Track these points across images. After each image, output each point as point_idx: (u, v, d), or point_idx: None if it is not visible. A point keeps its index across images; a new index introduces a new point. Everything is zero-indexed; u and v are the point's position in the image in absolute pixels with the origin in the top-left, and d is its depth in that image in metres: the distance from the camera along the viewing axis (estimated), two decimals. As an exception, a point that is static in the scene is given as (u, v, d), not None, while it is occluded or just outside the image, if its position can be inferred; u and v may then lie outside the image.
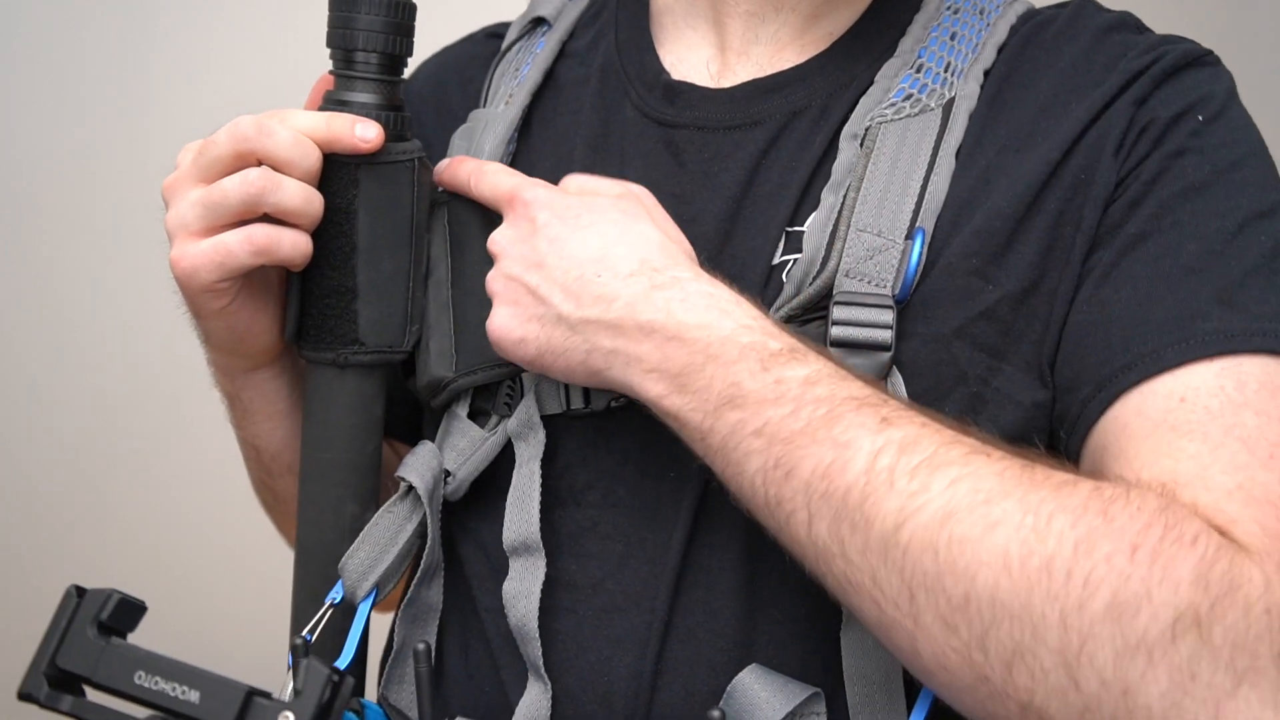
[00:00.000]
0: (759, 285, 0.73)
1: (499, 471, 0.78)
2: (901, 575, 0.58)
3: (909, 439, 0.60)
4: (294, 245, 0.74)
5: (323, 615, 0.76)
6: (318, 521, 0.80)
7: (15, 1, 1.77)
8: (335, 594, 0.77)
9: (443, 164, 0.80)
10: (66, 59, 1.79)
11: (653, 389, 0.66)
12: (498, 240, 0.74)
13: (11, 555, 1.87)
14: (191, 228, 0.73)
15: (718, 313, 0.66)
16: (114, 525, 1.86)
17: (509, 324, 0.71)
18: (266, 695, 0.58)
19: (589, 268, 0.69)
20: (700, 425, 0.65)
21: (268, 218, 0.73)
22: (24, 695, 0.59)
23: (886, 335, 0.68)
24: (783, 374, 0.63)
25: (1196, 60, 0.73)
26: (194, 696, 0.56)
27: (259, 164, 0.73)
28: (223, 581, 1.80)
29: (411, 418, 0.89)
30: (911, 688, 0.68)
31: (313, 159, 0.73)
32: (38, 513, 1.88)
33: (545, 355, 0.70)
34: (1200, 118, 0.70)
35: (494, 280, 0.73)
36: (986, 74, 0.75)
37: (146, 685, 0.57)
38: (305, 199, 0.73)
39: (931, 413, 0.63)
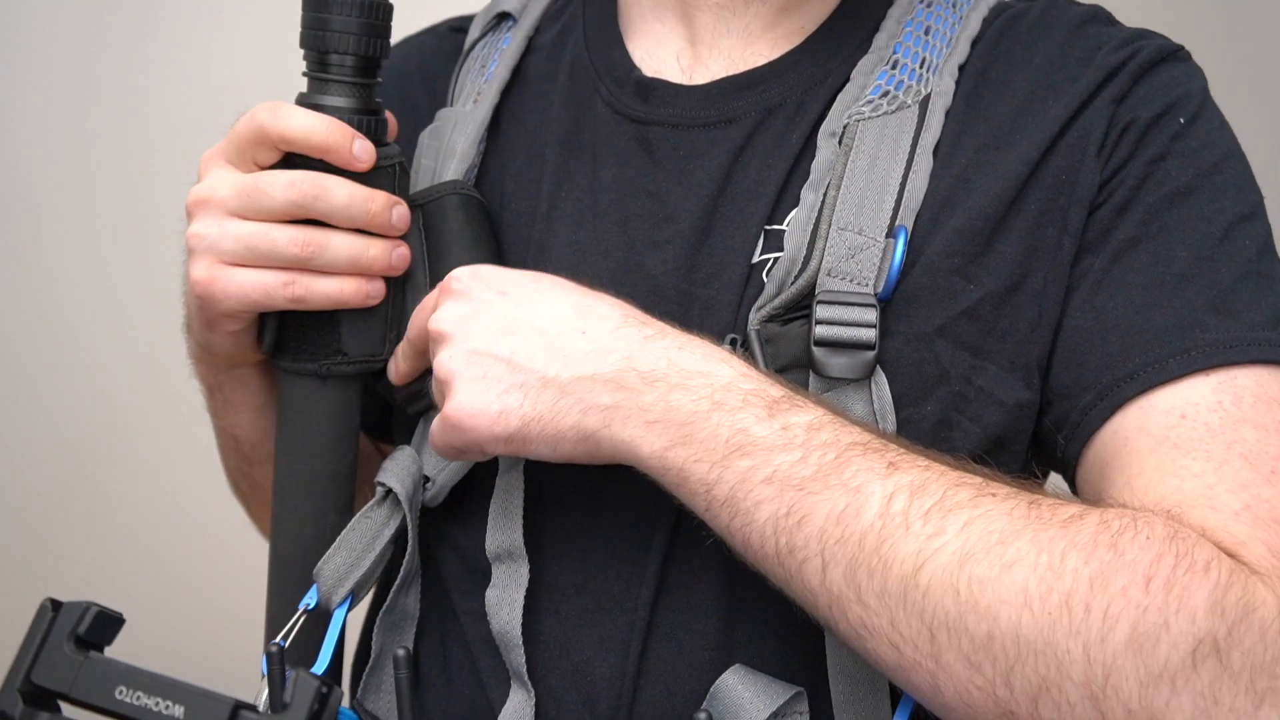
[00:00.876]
0: (739, 284, 0.73)
1: (476, 474, 0.77)
2: (921, 617, 0.58)
3: (918, 483, 0.60)
4: (326, 296, 0.75)
5: (296, 621, 0.75)
6: (298, 534, 0.78)
7: (15, 1, 1.75)
8: (309, 599, 0.75)
9: (391, 369, 0.78)
10: (66, 58, 1.77)
11: (656, 442, 0.64)
12: (444, 320, 0.69)
13: (11, 556, 1.86)
14: (225, 258, 0.73)
15: (716, 361, 0.65)
16: (113, 526, 1.86)
17: (482, 399, 0.67)
18: (253, 708, 0.57)
19: (569, 325, 0.67)
20: (706, 476, 0.63)
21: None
22: None
23: (870, 334, 0.68)
24: (788, 420, 0.62)
25: (1170, 56, 0.74)
26: (178, 712, 0.54)
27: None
28: (223, 582, 1.79)
29: (380, 413, 0.87)
30: (895, 686, 0.68)
31: (367, 218, 0.74)
32: (35, 513, 1.87)
33: (531, 425, 0.66)
34: (1181, 120, 0.71)
35: (450, 361, 0.68)
36: (961, 69, 0.75)
37: (128, 701, 0.55)
38: (351, 257, 0.74)
39: (932, 453, 0.63)
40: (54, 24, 1.76)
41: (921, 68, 0.75)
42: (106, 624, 0.59)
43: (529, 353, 0.67)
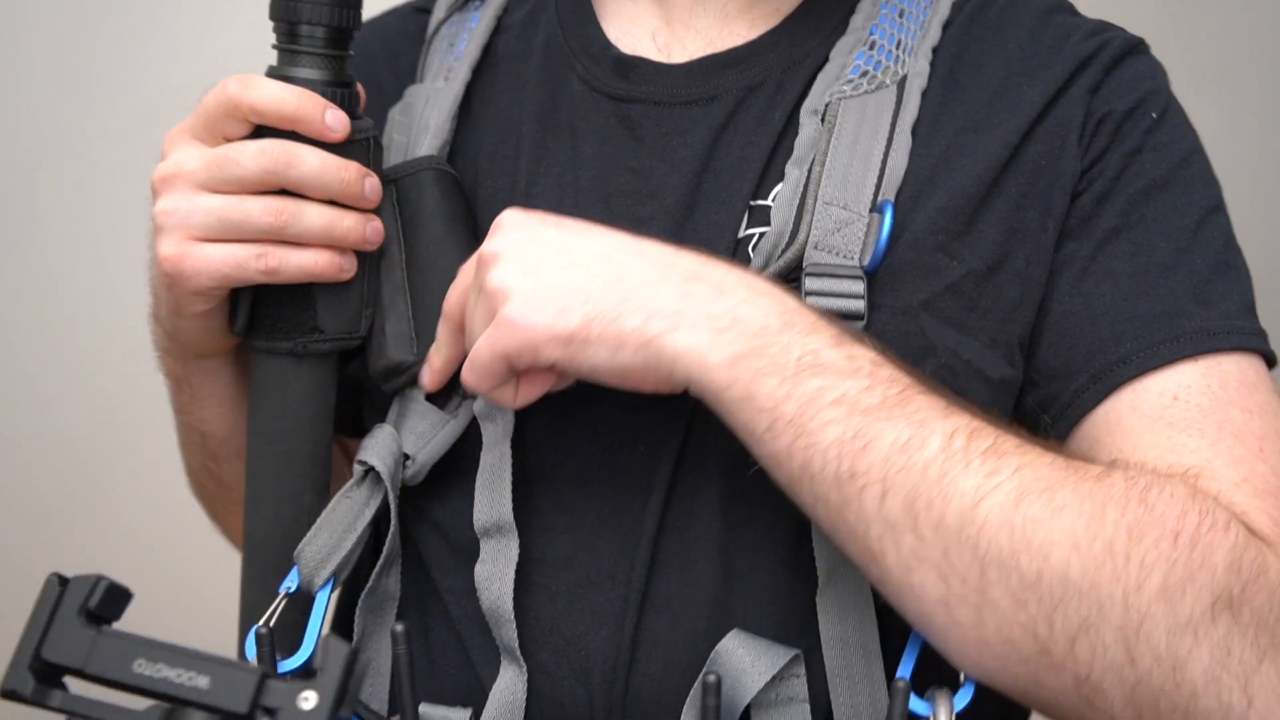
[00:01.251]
0: (725, 259, 0.74)
1: (458, 452, 0.76)
2: (975, 551, 0.60)
3: (973, 426, 0.62)
4: (299, 268, 0.73)
5: (278, 605, 0.74)
6: (275, 515, 0.77)
7: (16, 1, 1.74)
8: (290, 583, 0.75)
9: (424, 375, 0.75)
10: (67, 57, 1.76)
11: (725, 350, 0.62)
12: (496, 245, 0.67)
13: (11, 555, 1.83)
14: (195, 233, 0.71)
15: (782, 290, 0.66)
16: (113, 526, 1.84)
17: (543, 297, 0.64)
18: (280, 677, 0.55)
19: (629, 249, 0.66)
20: (775, 392, 0.62)
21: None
22: (7, 693, 0.55)
23: (859, 305, 0.69)
24: (853, 351, 0.64)
25: (1134, 49, 0.77)
26: (203, 682, 0.52)
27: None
28: (221, 581, 1.78)
29: (348, 405, 0.85)
30: (888, 650, 0.70)
31: (341, 186, 0.72)
32: (35, 513, 1.86)
33: (594, 323, 0.63)
34: (1153, 115, 0.75)
35: (504, 276, 0.65)
36: (935, 51, 0.77)
37: (148, 674, 0.53)
38: (324, 228, 0.72)
39: (974, 407, 0.65)
40: (54, 23, 1.74)
41: (898, 49, 0.77)
42: (116, 598, 0.57)
43: (590, 262, 0.65)
